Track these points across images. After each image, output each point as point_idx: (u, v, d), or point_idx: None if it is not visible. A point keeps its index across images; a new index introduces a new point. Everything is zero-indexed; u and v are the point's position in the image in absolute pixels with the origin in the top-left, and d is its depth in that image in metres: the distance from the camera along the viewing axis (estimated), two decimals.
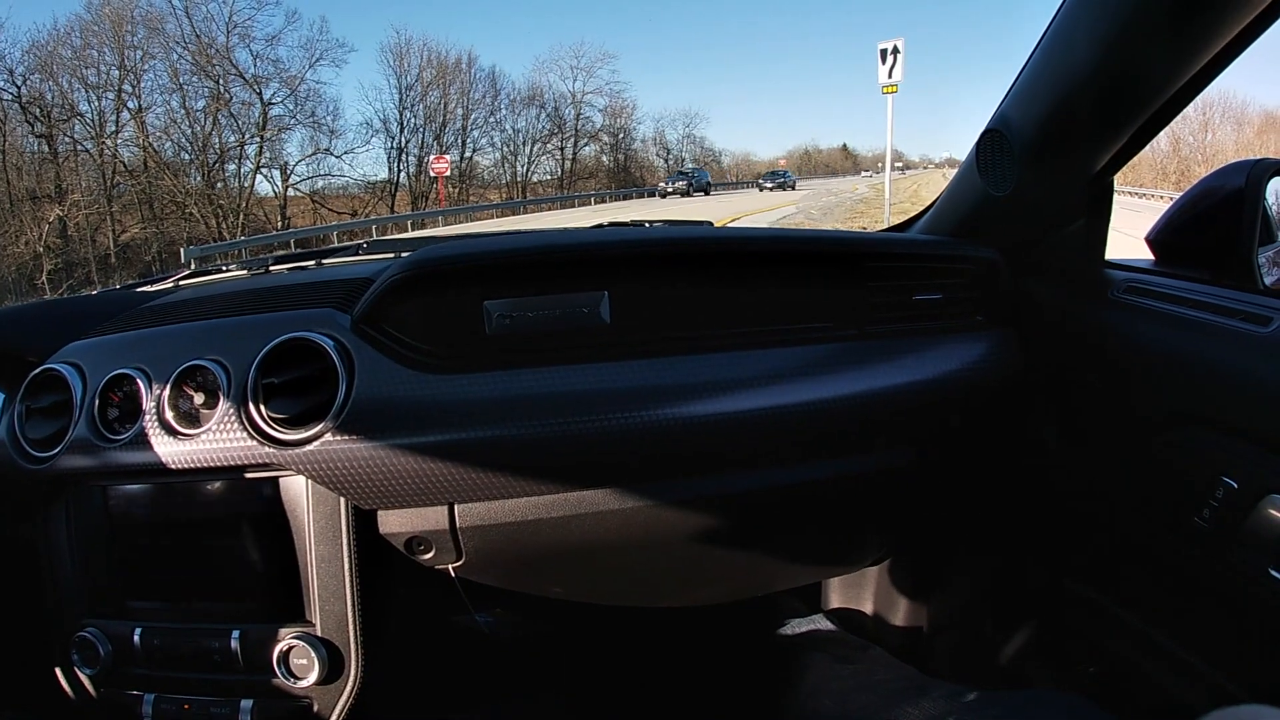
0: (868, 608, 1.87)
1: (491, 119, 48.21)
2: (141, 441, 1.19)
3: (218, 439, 1.17)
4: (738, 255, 1.34)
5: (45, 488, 1.25)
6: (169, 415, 1.19)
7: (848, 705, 1.28)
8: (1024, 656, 1.60)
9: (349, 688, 1.23)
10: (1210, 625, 1.15)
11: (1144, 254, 1.36)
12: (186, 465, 1.18)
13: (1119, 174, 1.27)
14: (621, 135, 58.35)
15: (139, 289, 1.80)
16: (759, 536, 1.47)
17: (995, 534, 1.66)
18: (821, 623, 1.90)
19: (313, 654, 1.19)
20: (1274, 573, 0.96)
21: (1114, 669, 1.37)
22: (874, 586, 1.85)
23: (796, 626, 1.89)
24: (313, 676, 1.19)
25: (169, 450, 1.18)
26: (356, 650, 1.21)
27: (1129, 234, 1.76)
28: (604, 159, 57.20)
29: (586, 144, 55.58)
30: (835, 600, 1.92)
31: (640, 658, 1.89)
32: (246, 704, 1.22)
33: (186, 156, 33.01)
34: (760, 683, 1.60)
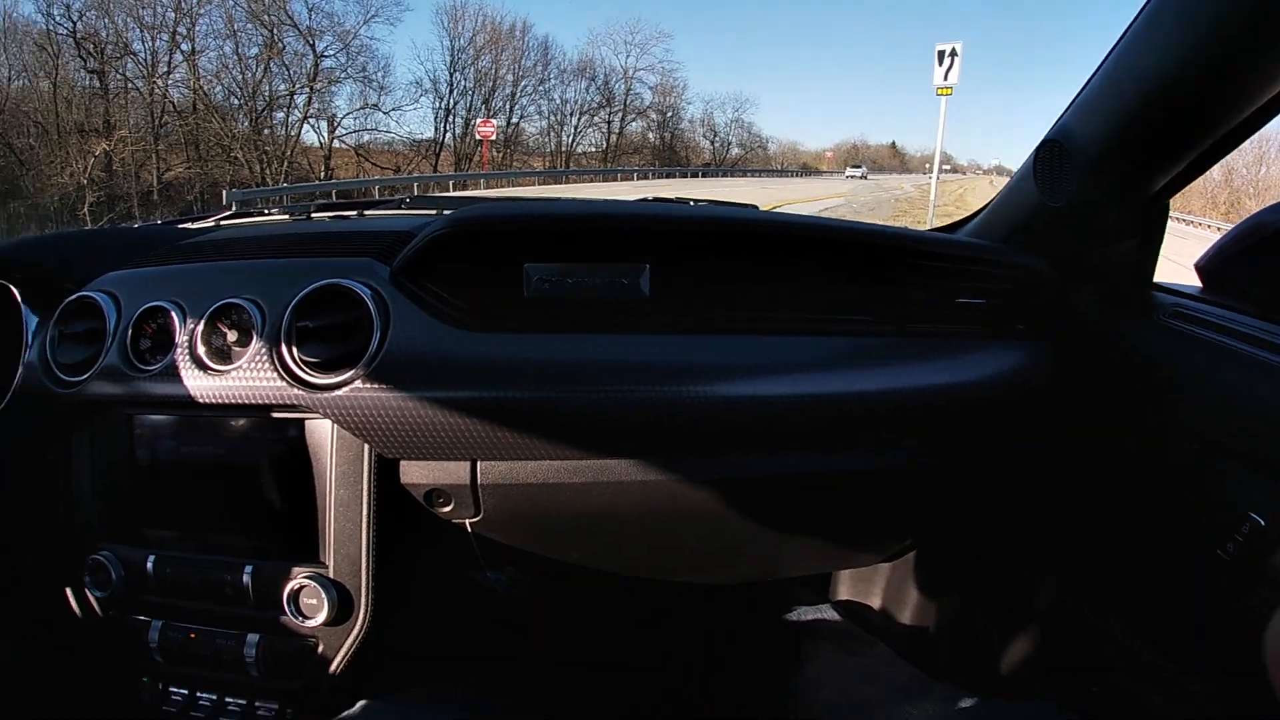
0: (876, 603, 1.86)
1: (540, 87, 48.13)
2: (171, 374, 1.20)
3: (248, 377, 1.18)
4: (780, 240, 1.33)
5: (72, 412, 1.27)
6: (201, 350, 1.20)
7: (850, 697, 1.28)
8: (1028, 669, 1.59)
9: (356, 630, 1.24)
10: (1219, 660, 1.13)
11: (1187, 280, 1.34)
12: (214, 400, 1.19)
13: (1181, 198, 1.25)
14: (670, 114, 58.03)
15: (180, 225, 1.81)
16: (776, 522, 1.47)
17: (1012, 544, 1.64)
18: (829, 614, 1.90)
19: (323, 594, 1.21)
20: None
21: (1115, 691, 1.36)
22: (884, 583, 1.85)
23: (804, 615, 1.89)
24: (321, 616, 1.21)
25: (198, 384, 1.19)
26: (367, 595, 1.23)
27: (1173, 260, 1.73)
28: (650, 136, 56.98)
29: (634, 120, 55.39)
30: (845, 593, 1.92)
31: (646, 630, 1.90)
32: (253, 638, 1.24)
33: (236, 102, 33.21)
34: (764, 666, 1.60)
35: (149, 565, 1.25)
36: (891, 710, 1.14)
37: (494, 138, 40.37)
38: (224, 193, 21.36)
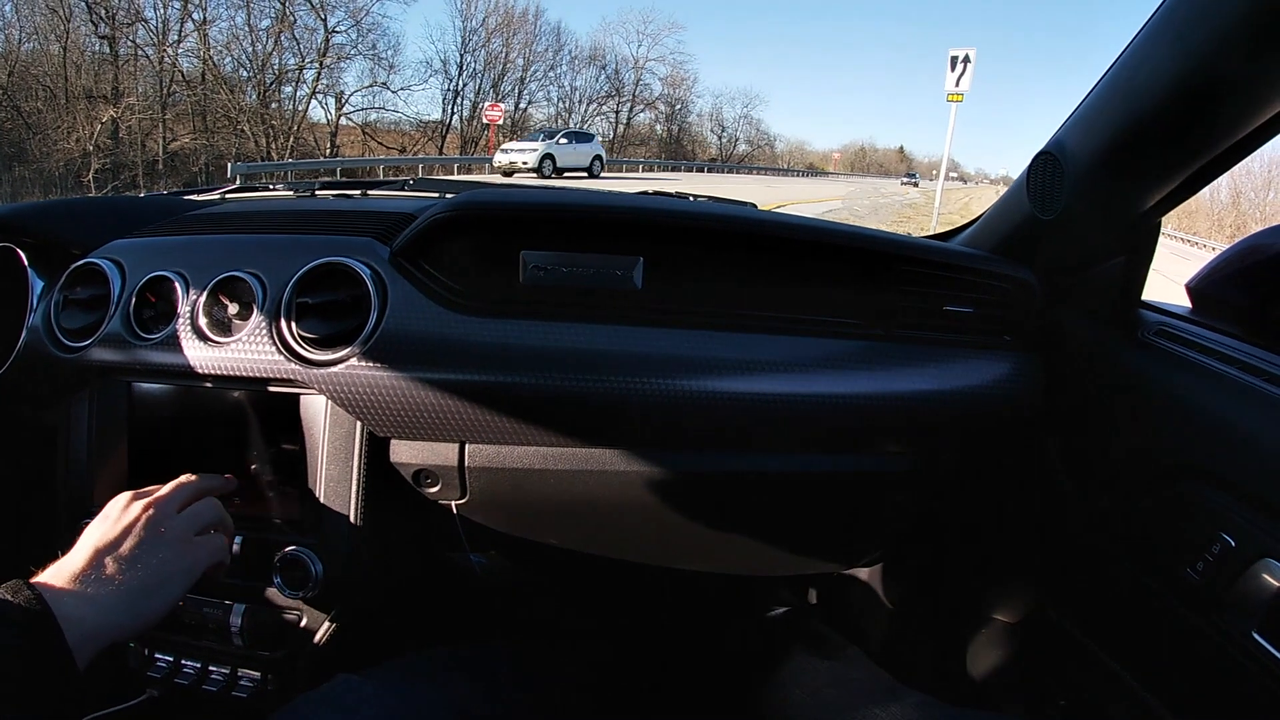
0: (852, 608, 1.89)
1: (550, 74, 48.11)
2: (172, 343, 1.22)
3: (247, 350, 1.20)
4: (775, 240, 1.35)
5: (73, 377, 1.28)
6: (202, 321, 1.22)
7: (819, 698, 1.29)
8: (998, 679, 1.62)
9: (340, 605, 1.27)
10: (1184, 678, 1.15)
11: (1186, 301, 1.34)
12: (213, 371, 1.21)
13: (1175, 219, 1.26)
14: (679, 106, 58.05)
15: (186, 197, 1.83)
16: (757, 519, 1.49)
17: (988, 555, 1.66)
18: (805, 616, 1.92)
19: (311, 568, 1.22)
20: (1256, 636, 0.95)
21: (1082, 705, 1.38)
22: (861, 588, 1.87)
23: (779, 614, 1.91)
24: (307, 589, 1.23)
25: (198, 355, 1.21)
26: (353, 571, 1.25)
27: (1173, 279, 1.74)
28: (657, 128, 56.92)
29: (642, 111, 55.33)
30: (821, 595, 1.94)
31: (621, 619, 1.92)
32: (239, 608, 1.25)
33: (245, 74, 33.06)
34: (734, 663, 1.62)
35: None
36: (861, 713, 1.15)
37: (501, 122, 40.21)
38: (229, 165, 21.37)
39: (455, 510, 1.33)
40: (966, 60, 15.16)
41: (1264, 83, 0.93)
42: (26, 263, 1.34)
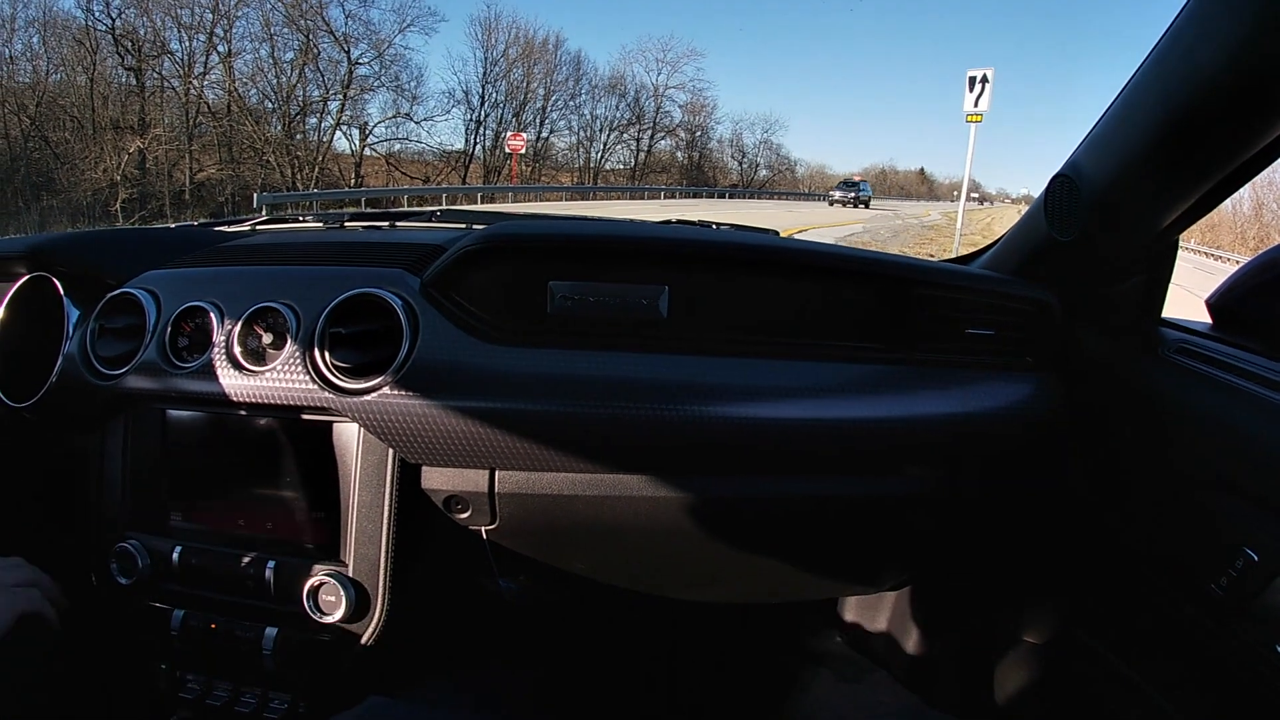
0: (880, 630, 1.87)
1: (571, 102, 48.28)
2: (207, 372, 1.25)
3: (281, 378, 1.23)
4: (796, 267, 1.36)
5: (108, 404, 1.32)
6: (237, 350, 1.25)
7: None
8: (1025, 701, 1.60)
9: (371, 629, 1.28)
10: (1210, 693, 1.14)
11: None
12: (247, 399, 1.24)
13: (1198, 233, 1.26)
14: (699, 133, 57.99)
15: (216, 228, 1.87)
16: (783, 544, 1.49)
17: (1014, 575, 1.66)
18: (832, 639, 1.91)
19: (342, 592, 1.24)
20: None
21: None
22: (889, 611, 1.86)
23: (807, 640, 1.90)
24: (338, 614, 1.25)
25: (233, 383, 1.24)
26: (384, 595, 1.27)
27: (1196, 294, 1.74)
28: (678, 155, 56.97)
29: (663, 138, 55.44)
30: (849, 619, 1.93)
31: (651, 646, 1.92)
32: (271, 631, 1.28)
33: (270, 105, 33.46)
34: (763, 689, 1.62)
35: (175, 556, 1.29)
36: None
37: (523, 151, 40.47)
38: (255, 195, 21.56)
39: (485, 536, 1.35)
40: (985, 80, 15.14)
41: (1272, 99, 0.94)
42: (62, 292, 1.37)
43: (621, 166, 52.67)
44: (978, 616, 1.75)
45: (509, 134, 40.01)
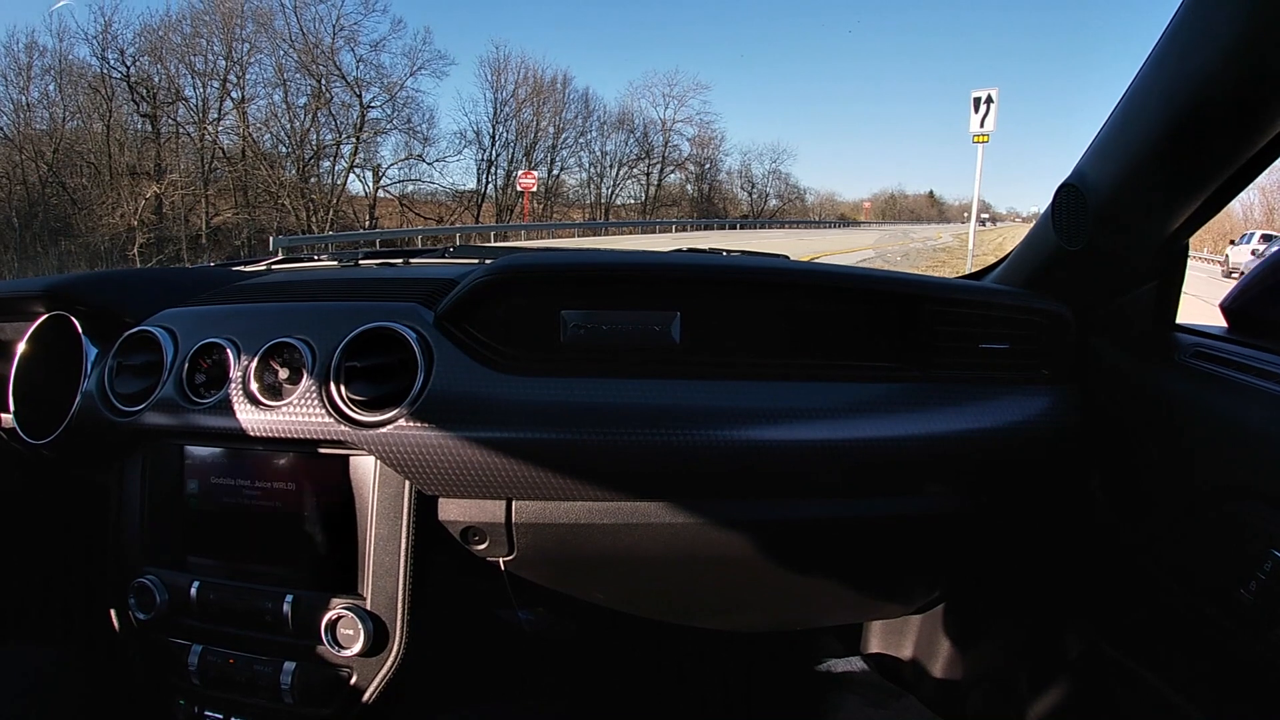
0: (905, 655, 1.86)
1: (581, 139, 48.65)
2: (224, 407, 1.26)
3: (297, 413, 1.24)
4: (809, 289, 1.36)
5: (127, 440, 1.33)
6: (253, 386, 1.26)
7: None
8: (1056, 719, 1.58)
9: (390, 662, 1.28)
10: (1246, 702, 1.13)
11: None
12: (264, 434, 1.25)
13: (1210, 242, 1.25)
14: (708, 165, 58.32)
15: (233, 268, 1.89)
16: (805, 568, 1.48)
17: (1039, 591, 1.64)
18: (857, 665, 1.90)
19: (360, 626, 1.24)
20: None
21: None
22: (914, 634, 1.84)
23: (832, 666, 1.89)
24: (357, 647, 1.25)
25: (250, 418, 1.25)
26: (402, 628, 1.26)
27: (1210, 302, 1.72)
28: (688, 188, 57.23)
29: (673, 171, 55.72)
30: (874, 644, 1.91)
31: (672, 675, 1.90)
32: (289, 665, 1.27)
33: (284, 149, 33.93)
34: (790, 717, 1.60)
35: (192, 591, 1.29)
36: None
37: (535, 189, 40.73)
38: (270, 239, 21.75)
39: (503, 567, 1.35)
40: (989, 100, 15.21)
41: (1271, 96, 0.94)
42: (81, 330, 1.39)
43: (632, 201, 52.99)
44: (1004, 636, 1.73)
45: (520, 172, 40.39)
